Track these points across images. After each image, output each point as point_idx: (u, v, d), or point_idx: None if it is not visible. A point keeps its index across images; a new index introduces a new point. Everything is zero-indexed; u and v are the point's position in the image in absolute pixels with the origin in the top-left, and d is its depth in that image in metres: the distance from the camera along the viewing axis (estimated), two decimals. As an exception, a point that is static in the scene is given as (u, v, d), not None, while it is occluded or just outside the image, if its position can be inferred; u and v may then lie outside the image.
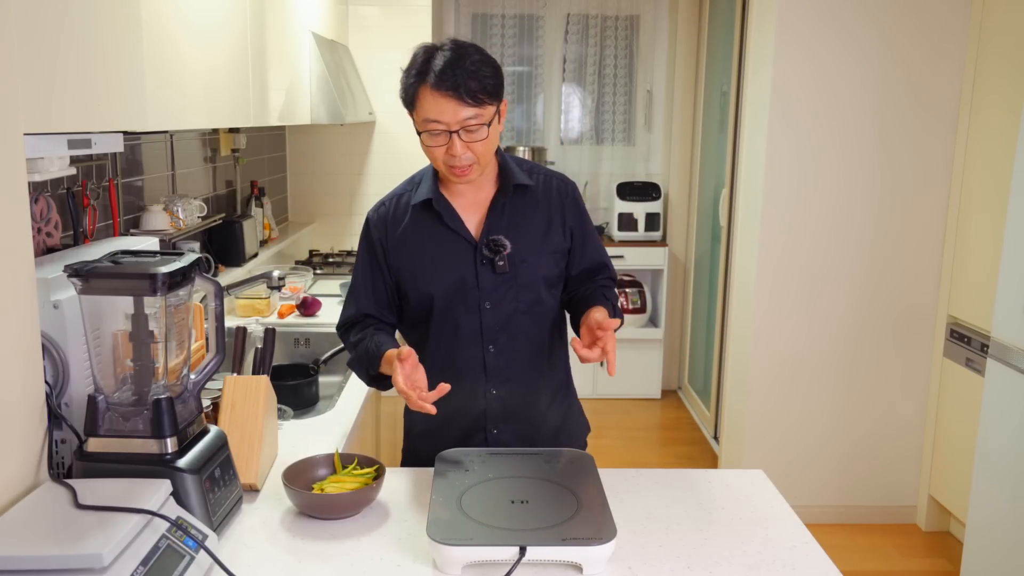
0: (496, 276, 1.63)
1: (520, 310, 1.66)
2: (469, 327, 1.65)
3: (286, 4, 2.79)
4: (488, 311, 1.65)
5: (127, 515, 1.13)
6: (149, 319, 1.30)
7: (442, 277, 1.64)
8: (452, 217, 1.65)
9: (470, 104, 1.49)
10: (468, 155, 1.54)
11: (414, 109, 1.55)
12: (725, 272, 3.98)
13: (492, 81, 1.53)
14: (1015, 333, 2.39)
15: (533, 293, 1.67)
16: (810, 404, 3.37)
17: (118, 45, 1.50)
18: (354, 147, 4.24)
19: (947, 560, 3.13)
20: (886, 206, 3.24)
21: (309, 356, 2.62)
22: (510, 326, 1.66)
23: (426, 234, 1.66)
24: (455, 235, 1.64)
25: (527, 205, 1.68)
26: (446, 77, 1.48)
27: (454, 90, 1.48)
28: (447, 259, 1.64)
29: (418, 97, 1.52)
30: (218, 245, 3.01)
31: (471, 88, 1.49)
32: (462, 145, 1.52)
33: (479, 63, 1.51)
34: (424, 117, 1.52)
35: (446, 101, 1.49)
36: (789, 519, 1.44)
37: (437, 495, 1.35)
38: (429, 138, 1.54)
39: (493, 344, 1.66)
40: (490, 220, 1.64)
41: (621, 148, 4.96)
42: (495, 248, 1.62)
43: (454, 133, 1.51)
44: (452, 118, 1.50)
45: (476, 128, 1.52)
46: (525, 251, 1.64)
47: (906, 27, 3.11)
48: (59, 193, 1.93)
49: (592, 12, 4.80)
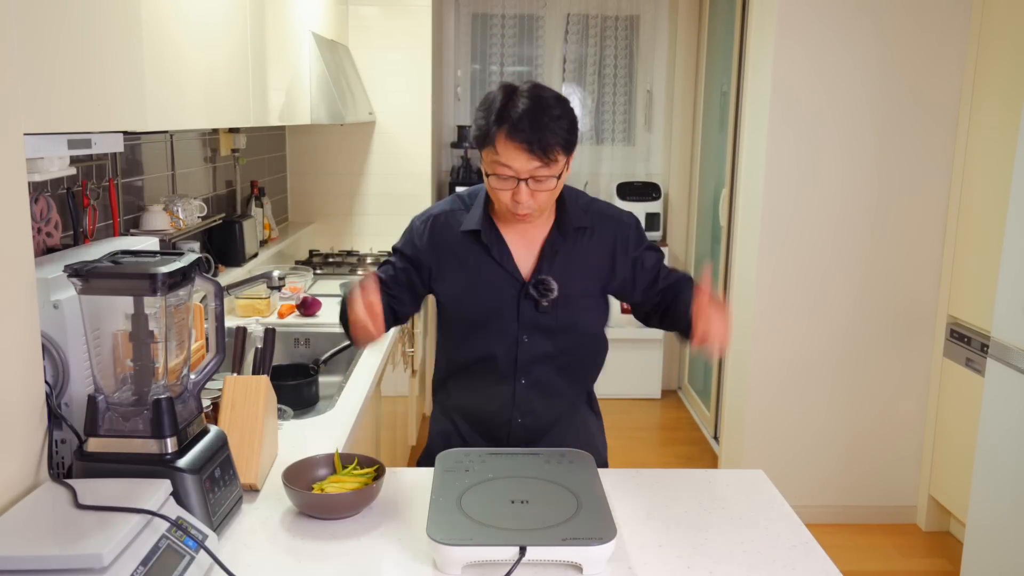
0: (538, 314, 1.63)
1: (558, 348, 1.66)
2: (504, 358, 1.65)
3: (286, 4, 2.79)
4: (525, 345, 1.64)
5: (127, 515, 1.13)
6: (149, 319, 1.30)
7: (482, 305, 1.63)
8: (501, 252, 1.63)
9: (541, 158, 1.49)
10: (531, 203, 1.53)
11: (485, 149, 1.53)
12: (725, 272, 3.98)
13: (568, 138, 1.52)
14: (1015, 333, 2.39)
15: (573, 335, 1.66)
16: (810, 404, 3.37)
17: (118, 45, 1.50)
18: (354, 147, 4.24)
19: (947, 560, 3.13)
20: (886, 206, 3.24)
21: (309, 356, 2.62)
22: (544, 362, 1.66)
23: (473, 261, 1.64)
24: (502, 269, 1.63)
25: (580, 247, 1.65)
26: (522, 128, 1.47)
27: (528, 144, 1.47)
28: (491, 291, 1.63)
29: (493, 141, 1.50)
30: (218, 245, 3.01)
31: (546, 144, 1.48)
32: (528, 193, 1.52)
33: (558, 119, 1.50)
34: (494, 160, 1.51)
35: (519, 152, 1.48)
36: (789, 519, 1.44)
37: (437, 495, 1.35)
38: (497, 181, 1.53)
39: (525, 377, 1.66)
40: (542, 261, 1.63)
41: (621, 148, 4.96)
42: (543, 291, 1.61)
43: (522, 181, 1.51)
44: (522, 167, 1.49)
45: (545, 179, 1.51)
46: (572, 295, 1.63)
47: (906, 28, 3.11)
48: (59, 193, 1.93)
49: (592, 12, 4.80)
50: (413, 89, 4.17)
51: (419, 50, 4.14)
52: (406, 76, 4.16)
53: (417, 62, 4.15)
